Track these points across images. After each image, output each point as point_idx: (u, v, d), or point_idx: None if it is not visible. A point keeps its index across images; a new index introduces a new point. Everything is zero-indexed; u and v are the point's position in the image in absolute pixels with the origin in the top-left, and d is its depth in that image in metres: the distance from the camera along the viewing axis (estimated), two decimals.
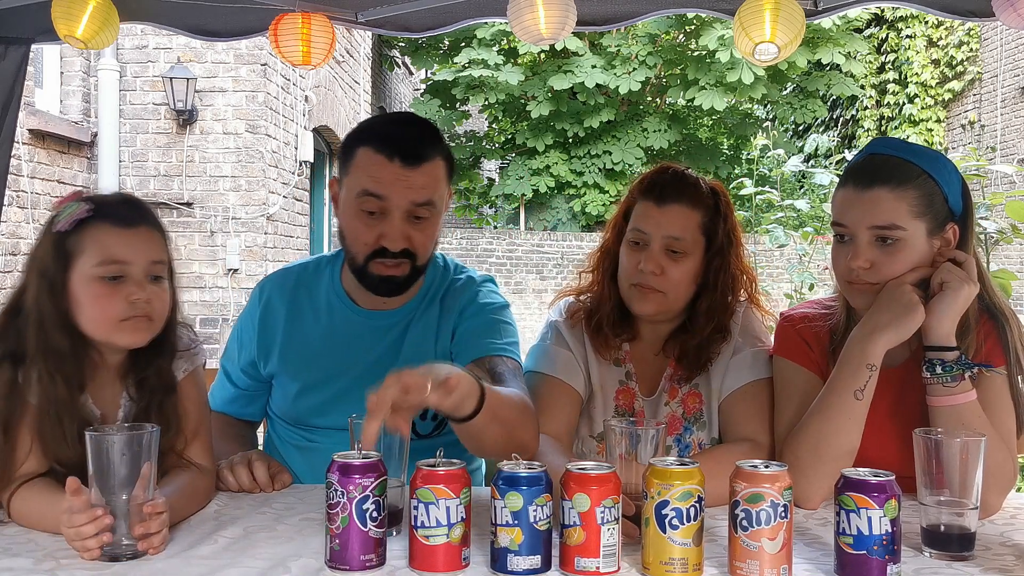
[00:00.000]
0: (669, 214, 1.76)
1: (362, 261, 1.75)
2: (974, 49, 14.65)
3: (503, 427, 1.49)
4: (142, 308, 1.48)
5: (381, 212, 1.70)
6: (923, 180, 1.58)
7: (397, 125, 1.80)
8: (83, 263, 1.46)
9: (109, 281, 1.46)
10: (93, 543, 1.26)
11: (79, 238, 1.47)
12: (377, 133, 1.74)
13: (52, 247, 1.47)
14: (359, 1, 2.63)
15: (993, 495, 1.52)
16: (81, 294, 1.47)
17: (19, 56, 2.59)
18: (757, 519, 1.19)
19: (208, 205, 7.44)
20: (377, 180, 1.69)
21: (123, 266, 1.47)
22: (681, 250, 1.76)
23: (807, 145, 11.45)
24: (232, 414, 1.98)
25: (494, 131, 17.63)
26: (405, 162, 1.69)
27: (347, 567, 1.23)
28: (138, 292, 1.47)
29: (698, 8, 2.66)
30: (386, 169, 1.69)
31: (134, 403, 1.55)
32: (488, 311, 1.84)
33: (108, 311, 1.47)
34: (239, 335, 1.96)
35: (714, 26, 13.33)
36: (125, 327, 1.48)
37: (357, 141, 1.74)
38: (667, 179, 1.79)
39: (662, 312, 1.80)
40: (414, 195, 1.71)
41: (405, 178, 1.69)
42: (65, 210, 1.48)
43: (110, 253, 1.46)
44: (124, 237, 1.48)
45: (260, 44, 7.22)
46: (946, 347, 1.54)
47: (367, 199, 1.70)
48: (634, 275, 1.77)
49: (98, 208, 1.48)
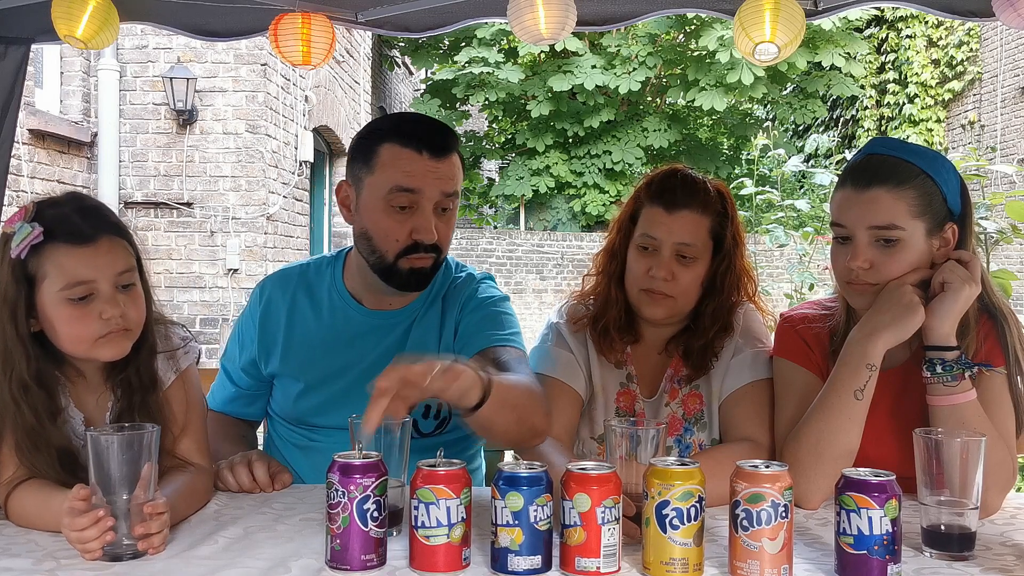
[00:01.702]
0: (680, 220, 1.76)
1: (392, 259, 1.75)
2: (974, 49, 14.65)
3: (513, 412, 1.50)
4: (117, 323, 1.44)
5: (412, 206, 1.71)
6: (922, 180, 1.58)
7: (416, 121, 1.81)
8: (48, 287, 1.41)
9: (78, 302, 1.42)
10: (95, 544, 1.26)
11: (39, 261, 1.41)
12: (399, 129, 1.75)
13: (11, 273, 1.41)
14: (359, 1, 2.63)
15: (993, 495, 1.52)
16: (53, 317, 1.43)
17: (19, 56, 2.59)
18: (758, 519, 1.19)
19: (208, 205, 7.44)
20: (409, 174, 1.70)
21: (89, 285, 1.42)
22: (691, 255, 1.76)
23: (807, 145, 11.47)
24: (233, 414, 1.98)
25: (494, 131, 17.64)
26: (433, 154, 1.71)
27: (348, 567, 1.23)
28: (110, 309, 1.43)
29: (698, 8, 2.66)
30: (417, 162, 1.70)
31: (118, 403, 1.54)
32: (488, 304, 1.85)
33: (83, 332, 1.43)
34: (239, 335, 1.96)
35: (714, 26, 13.34)
36: (103, 343, 1.45)
37: (378, 139, 1.75)
38: (677, 184, 1.79)
39: (672, 316, 1.81)
40: (444, 185, 1.73)
41: (435, 169, 1.71)
42: (17, 234, 1.40)
43: (74, 275, 1.41)
44: (84, 256, 1.42)
45: (260, 44, 7.21)
46: (946, 347, 1.54)
47: (399, 195, 1.71)
48: (644, 281, 1.77)
49: (50, 228, 1.40)
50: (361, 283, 1.85)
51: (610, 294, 1.84)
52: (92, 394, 1.53)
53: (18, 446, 1.44)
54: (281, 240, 8.02)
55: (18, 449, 1.44)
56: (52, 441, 1.44)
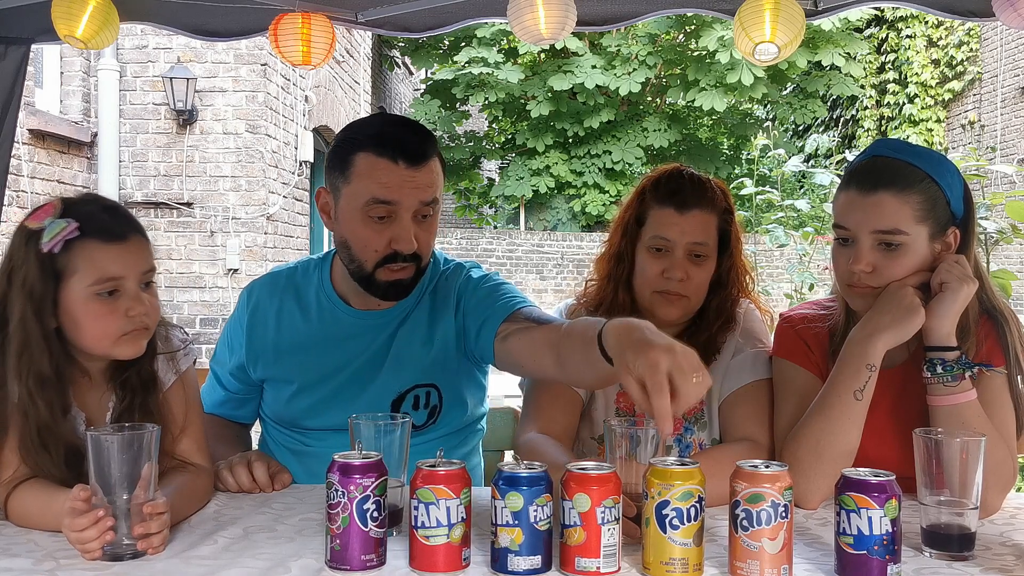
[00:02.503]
0: (692, 220, 1.76)
1: (371, 269, 1.72)
2: (974, 49, 14.66)
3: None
4: (140, 321, 1.47)
5: (390, 216, 1.68)
6: (926, 184, 1.58)
7: (394, 126, 1.75)
8: (76, 282, 1.43)
9: (106, 297, 1.44)
10: (94, 544, 1.26)
11: (69, 257, 1.42)
12: (375, 137, 1.70)
13: (39, 267, 1.42)
14: (359, 1, 2.64)
15: (993, 495, 1.52)
16: (78, 313, 1.44)
17: (19, 56, 2.60)
18: (757, 519, 1.19)
19: (208, 205, 7.44)
20: (385, 185, 1.66)
21: (118, 281, 1.45)
22: (704, 254, 1.78)
23: (807, 145, 11.47)
24: (224, 416, 1.98)
25: (494, 131, 17.64)
26: (409, 163, 1.67)
27: (348, 567, 1.23)
28: (136, 306, 1.46)
29: (698, 8, 2.66)
30: (393, 173, 1.67)
31: (119, 403, 1.54)
32: (487, 280, 1.84)
33: (108, 328, 1.45)
34: (228, 340, 1.95)
35: (714, 26, 13.34)
36: (124, 341, 1.47)
37: (352, 148, 1.70)
38: (685, 184, 1.80)
39: (685, 316, 1.82)
40: (421, 194, 1.69)
41: (411, 179, 1.67)
42: (50, 229, 1.42)
43: (105, 271, 1.43)
44: (117, 252, 1.45)
45: (260, 44, 7.21)
46: (947, 347, 1.54)
47: (376, 206, 1.67)
48: (659, 283, 1.77)
49: (84, 224, 1.43)
50: (348, 285, 1.83)
51: (617, 298, 1.84)
52: (94, 394, 1.54)
53: (24, 444, 1.43)
54: (281, 240, 8.02)
55: (23, 448, 1.44)
56: (63, 438, 1.45)
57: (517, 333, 1.66)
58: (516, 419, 2.12)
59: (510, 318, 1.70)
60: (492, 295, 1.78)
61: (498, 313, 1.72)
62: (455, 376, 1.86)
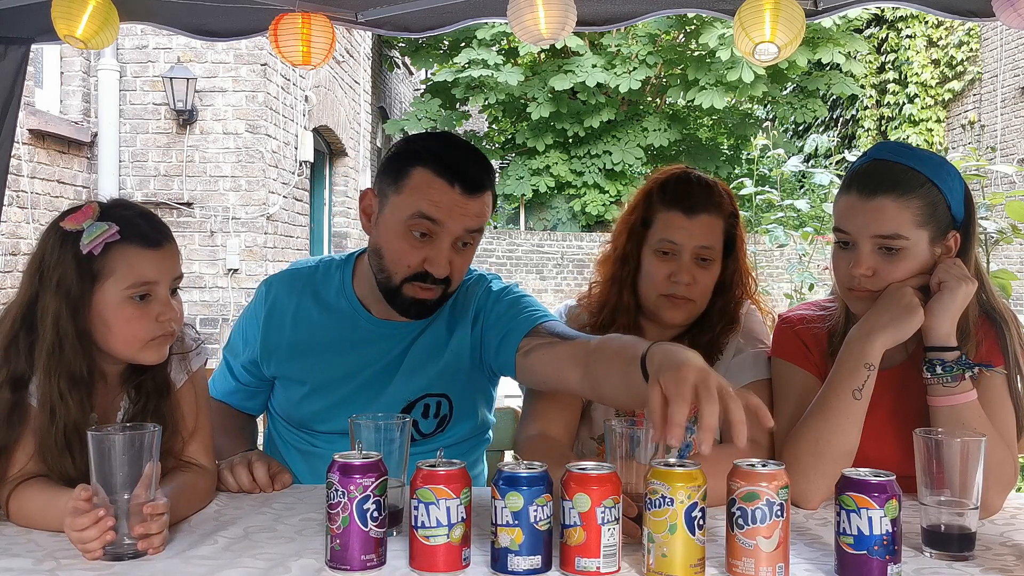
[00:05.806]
0: (700, 224, 1.77)
1: (398, 282, 1.71)
2: (974, 49, 14.66)
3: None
4: (169, 327, 1.49)
5: (431, 235, 1.67)
6: (927, 189, 1.58)
7: (458, 149, 1.73)
8: (112, 284, 1.44)
9: (138, 301, 1.46)
10: (95, 544, 1.26)
11: (107, 259, 1.44)
12: (437, 155, 1.69)
13: (76, 268, 1.43)
14: (359, 1, 2.63)
15: (993, 495, 1.52)
16: (110, 315, 1.45)
17: (19, 56, 2.59)
18: (753, 517, 1.19)
19: (208, 205, 7.44)
20: (436, 204, 1.65)
21: (151, 286, 1.47)
22: (710, 258, 1.78)
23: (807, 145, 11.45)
24: (233, 405, 1.98)
25: (494, 131, 17.64)
26: (465, 189, 1.66)
27: (348, 567, 1.23)
28: (167, 312, 1.48)
29: (698, 8, 2.66)
30: (447, 195, 1.65)
31: (132, 406, 1.54)
32: (508, 293, 1.83)
33: (139, 332, 1.47)
34: (243, 332, 1.94)
35: (714, 26, 13.34)
36: (152, 345, 1.49)
37: (413, 160, 1.69)
38: (693, 188, 1.80)
39: (690, 319, 1.82)
40: (469, 222, 1.68)
41: (463, 206, 1.66)
42: (91, 231, 1.44)
43: (143, 275, 1.45)
44: (153, 258, 1.47)
45: (260, 44, 7.22)
46: (946, 347, 1.54)
47: (421, 221, 1.66)
48: (665, 286, 1.77)
49: (124, 228, 1.45)
50: (370, 291, 1.81)
51: (621, 300, 1.83)
52: (107, 396, 1.54)
53: (45, 445, 1.43)
54: (281, 240, 8.02)
55: (44, 448, 1.44)
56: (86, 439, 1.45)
57: (540, 348, 1.65)
58: (516, 419, 2.12)
59: (532, 332, 1.69)
60: (513, 308, 1.77)
61: (520, 327, 1.71)
62: (466, 387, 1.85)
